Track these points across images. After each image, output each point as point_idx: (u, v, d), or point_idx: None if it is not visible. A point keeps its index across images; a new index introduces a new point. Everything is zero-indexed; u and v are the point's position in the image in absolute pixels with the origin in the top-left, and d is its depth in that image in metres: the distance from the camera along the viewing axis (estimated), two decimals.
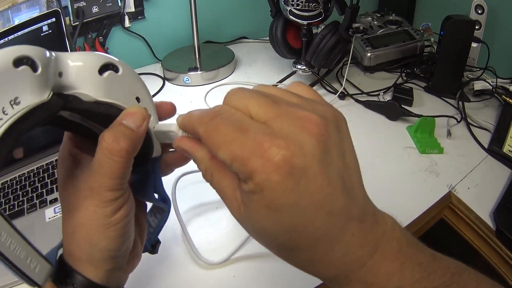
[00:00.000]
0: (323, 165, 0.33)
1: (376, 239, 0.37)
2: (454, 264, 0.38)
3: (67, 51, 1.06)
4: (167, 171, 0.51)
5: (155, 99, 0.48)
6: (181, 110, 0.42)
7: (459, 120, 1.13)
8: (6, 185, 0.98)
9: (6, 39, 1.03)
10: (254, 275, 0.75)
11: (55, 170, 0.98)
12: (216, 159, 0.36)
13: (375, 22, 1.44)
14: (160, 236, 0.54)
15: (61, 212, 0.85)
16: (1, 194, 0.96)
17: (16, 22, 1.32)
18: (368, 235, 0.36)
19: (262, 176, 0.32)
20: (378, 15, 1.50)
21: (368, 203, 0.38)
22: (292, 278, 0.74)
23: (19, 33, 1.04)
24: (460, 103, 1.18)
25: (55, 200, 0.90)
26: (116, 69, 0.41)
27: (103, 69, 0.40)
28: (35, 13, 1.32)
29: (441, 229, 0.94)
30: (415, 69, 1.36)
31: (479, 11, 1.30)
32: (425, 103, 1.23)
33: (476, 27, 1.28)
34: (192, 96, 1.31)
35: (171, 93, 1.35)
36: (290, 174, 0.32)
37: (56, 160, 1.01)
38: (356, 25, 1.40)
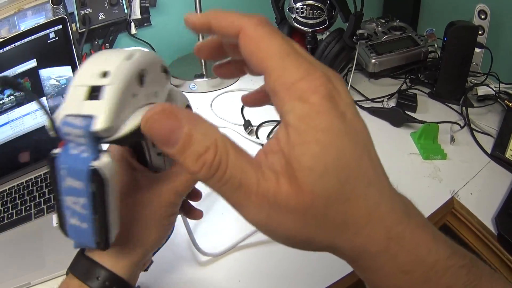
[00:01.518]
0: (356, 111, 0.32)
1: (406, 205, 0.34)
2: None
3: (74, 57, 1.08)
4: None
5: None
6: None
7: (462, 126, 1.14)
8: (13, 190, 1.00)
9: (13, 45, 1.05)
10: (254, 267, 0.77)
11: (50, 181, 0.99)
12: (225, 133, 0.30)
13: (380, 28, 1.45)
14: None
15: None
16: (8, 199, 0.97)
17: (22, 28, 1.33)
18: (398, 200, 0.33)
19: (318, 97, 0.29)
20: (383, 21, 1.50)
21: None
22: (292, 272, 0.76)
23: (26, 40, 1.06)
24: (464, 108, 1.19)
25: None
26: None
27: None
28: (41, 19, 1.33)
29: (445, 234, 0.95)
30: (419, 75, 1.37)
31: (482, 16, 1.31)
32: (429, 109, 1.23)
33: (480, 32, 1.29)
34: (198, 103, 1.32)
35: None
36: (337, 104, 0.30)
37: None
38: (360, 31, 1.40)
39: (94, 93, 0.36)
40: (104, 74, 0.36)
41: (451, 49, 1.19)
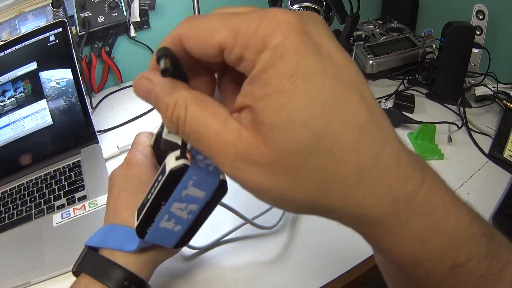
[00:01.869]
0: (337, 44, 0.28)
1: (416, 159, 0.30)
2: None
3: (74, 60, 1.08)
4: None
5: None
6: None
7: (460, 126, 1.14)
8: (13, 191, 1.00)
9: (14, 48, 1.06)
10: (240, 261, 0.78)
11: (62, 177, 1.00)
12: (192, 91, 0.31)
13: (377, 30, 1.46)
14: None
15: (68, 218, 0.87)
16: (9, 200, 0.98)
17: (23, 30, 1.33)
18: (406, 153, 0.29)
19: (279, 37, 0.26)
20: (380, 22, 1.51)
21: None
22: (280, 265, 0.75)
23: (26, 43, 1.06)
24: (461, 109, 1.19)
25: (62, 205, 0.92)
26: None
27: None
28: (42, 22, 1.34)
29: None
30: (417, 76, 1.37)
31: (480, 17, 1.31)
32: (427, 110, 1.24)
33: (477, 33, 1.29)
34: None
35: None
36: (308, 37, 0.27)
37: (63, 167, 1.03)
38: (358, 32, 1.41)
39: None
40: None
41: (449, 49, 1.19)
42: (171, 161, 0.40)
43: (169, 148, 0.42)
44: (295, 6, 1.16)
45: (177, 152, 0.40)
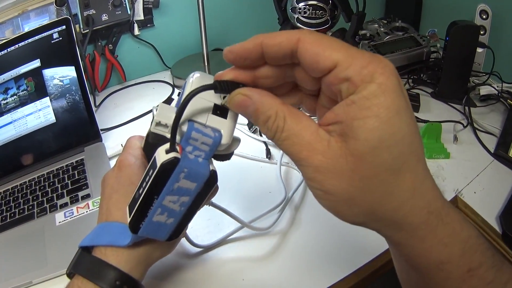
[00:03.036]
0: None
1: (438, 190, 0.38)
2: None
3: (77, 58, 1.08)
4: None
5: None
6: None
7: (465, 125, 1.14)
8: (16, 189, 1.00)
9: (17, 45, 1.06)
10: (244, 260, 0.78)
11: (65, 176, 1.00)
12: (287, 104, 0.38)
13: (382, 29, 1.45)
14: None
15: (71, 217, 0.87)
16: (11, 198, 0.98)
17: (26, 29, 1.33)
18: (433, 180, 0.38)
19: (384, 77, 0.33)
20: (385, 21, 1.50)
21: None
22: (286, 266, 0.75)
23: (30, 40, 1.06)
24: (466, 108, 1.19)
25: (65, 204, 0.92)
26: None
27: None
28: (45, 21, 1.34)
29: None
30: (421, 75, 1.37)
31: (484, 16, 1.31)
32: (432, 109, 1.23)
33: (481, 32, 1.29)
34: None
35: None
36: (399, 81, 0.35)
37: (66, 166, 1.03)
38: (363, 32, 1.41)
39: (217, 111, 0.43)
40: (224, 97, 0.43)
41: (453, 49, 1.19)
42: (162, 155, 0.41)
43: (157, 141, 0.44)
44: (301, 4, 1.16)
45: (167, 145, 0.42)
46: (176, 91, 1.41)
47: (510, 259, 0.82)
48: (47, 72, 1.07)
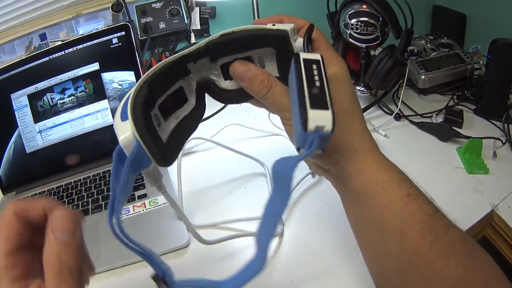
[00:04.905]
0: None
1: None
2: None
3: (137, 63, 1.13)
4: None
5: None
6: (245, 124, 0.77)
7: (504, 142, 1.17)
8: (69, 186, 1.07)
9: (75, 48, 1.13)
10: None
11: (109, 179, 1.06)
12: (273, 77, 0.56)
13: (428, 45, 1.49)
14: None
15: (127, 214, 0.92)
16: (65, 194, 1.05)
17: (80, 32, 1.38)
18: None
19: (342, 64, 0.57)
20: (431, 37, 1.54)
21: None
22: (287, 267, 0.80)
23: (88, 44, 1.13)
24: (506, 125, 1.22)
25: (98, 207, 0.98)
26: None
27: None
28: (100, 25, 1.39)
29: (484, 247, 0.96)
30: (465, 92, 1.40)
31: None
32: (474, 126, 1.27)
33: None
34: (257, 113, 1.36)
35: (235, 109, 1.32)
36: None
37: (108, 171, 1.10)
38: (410, 48, 1.44)
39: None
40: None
41: (494, 66, 1.22)
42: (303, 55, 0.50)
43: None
44: (353, 21, 1.20)
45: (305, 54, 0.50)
46: None
47: None
48: (106, 76, 1.13)
